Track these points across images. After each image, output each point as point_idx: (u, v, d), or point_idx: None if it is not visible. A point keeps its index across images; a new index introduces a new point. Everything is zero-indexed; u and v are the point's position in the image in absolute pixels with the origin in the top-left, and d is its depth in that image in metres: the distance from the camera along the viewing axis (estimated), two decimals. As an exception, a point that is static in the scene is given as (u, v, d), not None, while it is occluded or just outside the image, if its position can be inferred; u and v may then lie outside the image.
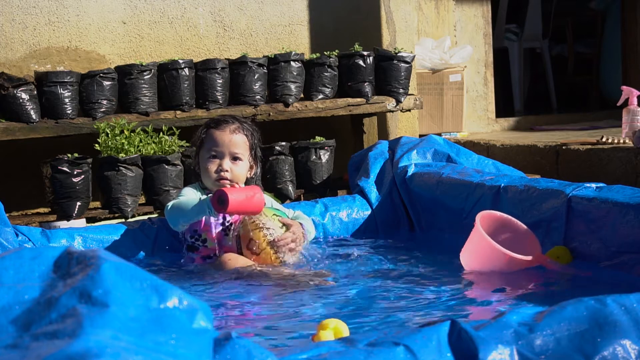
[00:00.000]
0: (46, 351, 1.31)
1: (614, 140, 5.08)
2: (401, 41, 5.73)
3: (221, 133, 3.35)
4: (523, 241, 3.08)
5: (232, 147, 3.34)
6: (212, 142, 3.34)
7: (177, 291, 1.50)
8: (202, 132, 3.40)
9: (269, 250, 3.22)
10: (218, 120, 3.42)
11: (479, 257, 3.05)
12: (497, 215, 3.17)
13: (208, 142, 3.35)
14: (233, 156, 3.34)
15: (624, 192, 3.04)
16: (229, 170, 3.32)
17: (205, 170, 3.35)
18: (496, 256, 2.98)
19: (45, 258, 1.60)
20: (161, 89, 4.73)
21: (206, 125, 3.43)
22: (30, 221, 4.32)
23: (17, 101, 4.38)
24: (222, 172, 3.31)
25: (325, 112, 5.08)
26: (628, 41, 7.66)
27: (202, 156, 3.37)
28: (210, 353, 1.49)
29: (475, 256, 3.07)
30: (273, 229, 3.25)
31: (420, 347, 1.65)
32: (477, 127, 6.80)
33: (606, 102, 7.94)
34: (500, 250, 2.95)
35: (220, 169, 3.32)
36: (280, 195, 4.72)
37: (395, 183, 4.05)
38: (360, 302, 2.75)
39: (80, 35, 4.89)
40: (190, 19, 5.16)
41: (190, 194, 3.35)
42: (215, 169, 3.32)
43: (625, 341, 1.72)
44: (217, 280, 3.12)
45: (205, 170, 3.34)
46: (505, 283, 2.99)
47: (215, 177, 3.32)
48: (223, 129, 3.36)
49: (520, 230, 3.14)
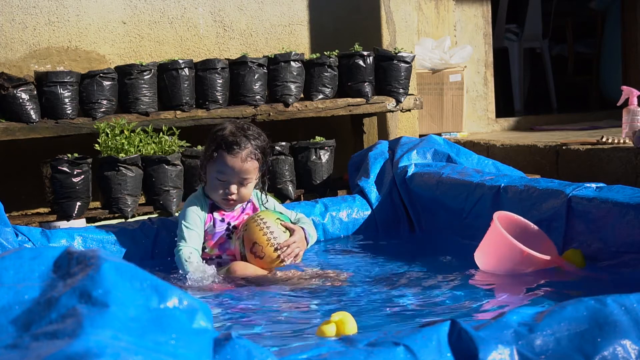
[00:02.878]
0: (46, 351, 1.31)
1: (614, 140, 5.08)
2: (401, 41, 5.73)
3: (232, 160, 3.24)
4: (538, 245, 3.05)
5: (242, 175, 3.27)
6: (223, 165, 3.26)
7: (177, 291, 1.50)
8: (213, 150, 3.28)
9: (273, 254, 3.22)
10: (230, 143, 3.26)
11: (495, 256, 3.02)
12: (513, 218, 3.14)
13: (219, 163, 3.27)
14: (241, 182, 3.30)
15: (624, 192, 3.04)
16: (236, 193, 3.30)
17: (213, 187, 3.31)
18: (513, 254, 2.94)
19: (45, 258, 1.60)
20: (161, 89, 4.73)
21: (218, 144, 3.28)
22: (30, 221, 4.31)
23: (17, 101, 4.38)
24: (229, 196, 3.30)
25: (325, 112, 5.08)
26: (628, 41, 7.66)
27: (210, 170, 3.31)
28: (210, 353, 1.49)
29: (492, 255, 3.03)
30: (277, 233, 3.25)
31: (420, 347, 1.65)
32: (477, 127, 6.80)
33: (606, 102, 7.94)
34: (518, 246, 2.92)
35: (228, 192, 3.30)
36: (280, 195, 4.72)
37: (395, 183, 4.05)
38: (360, 302, 2.75)
39: (80, 35, 4.89)
40: (190, 19, 5.16)
41: (194, 219, 3.30)
42: (223, 191, 3.30)
43: (625, 341, 1.72)
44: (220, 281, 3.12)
45: (213, 188, 3.31)
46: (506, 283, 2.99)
47: (222, 197, 3.30)
48: (235, 155, 3.24)
49: (536, 234, 3.10)
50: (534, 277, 2.97)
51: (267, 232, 3.23)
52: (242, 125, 3.36)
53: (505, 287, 2.95)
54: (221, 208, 3.35)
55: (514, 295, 2.83)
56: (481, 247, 3.08)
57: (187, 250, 3.23)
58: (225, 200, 3.30)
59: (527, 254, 2.92)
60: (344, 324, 2.10)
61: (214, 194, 3.31)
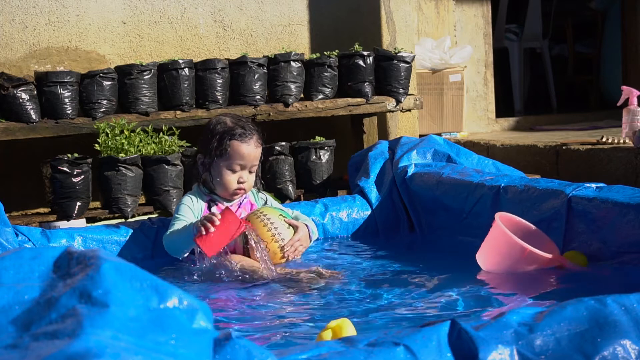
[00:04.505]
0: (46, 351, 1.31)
1: (614, 140, 5.08)
2: (401, 41, 5.73)
3: (246, 147, 3.32)
4: (540, 246, 3.05)
5: (254, 161, 3.36)
6: (237, 154, 3.31)
7: (177, 291, 1.50)
8: (223, 143, 3.32)
9: (277, 249, 3.24)
10: (240, 132, 3.33)
11: (497, 255, 3.01)
12: (514, 220, 3.13)
13: (232, 154, 3.31)
14: (250, 169, 3.36)
15: (624, 192, 3.04)
16: (246, 181, 3.35)
17: (225, 180, 3.33)
18: (515, 252, 2.94)
19: (45, 258, 1.60)
20: (161, 89, 4.73)
21: (226, 135, 3.33)
22: (30, 221, 4.32)
23: (17, 101, 4.38)
24: (241, 184, 3.33)
25: (325, 112, 5.08)
26: (628, 41, 7.66)
27: (220, 164, 3.34)
28: (210, 353, 1.49)
29: (493, 254, 3.03)
30: (280, 228, 3.27)
31: (420, 347, 1.65)
32: (477, 127, 6.80)
33: (606, 102, 7.94)
34: (521, 244, 2.92)
35: (241, 180, 3.33)
36: (280, 195, 4.73)
37: (395, 183, 4.05)
38: (360, 302, 2.75)
39: (80, 35, 4.89)
40: (190, 19, 5.16)
41: (187, 212, 3.34)
42: (236, 181, 3.33)
43: (625, 341, 1.72)
44: (218, 280, 3.12)
45: (226, 182, 3.33)
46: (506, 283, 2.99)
47: (235, 188, 3.33)
48: (248, 142, 3.33)
49: (537, 236, 3.10)
50: (535, 277, 2.97)
51: (271, 227, 3.25)
52: (236, 115, 3.49)
53: (506, 287, 2.95)
54: (219, 202, 3.36)
55: (514, 295, 2.83)
56: (483, 247, 3.08)
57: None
58: (237, 190, 3.32)
59: (529, 252, 2.92)
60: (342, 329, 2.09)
61: (227, 186, 3.33)
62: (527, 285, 2.91)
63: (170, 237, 3.29)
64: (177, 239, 3.26)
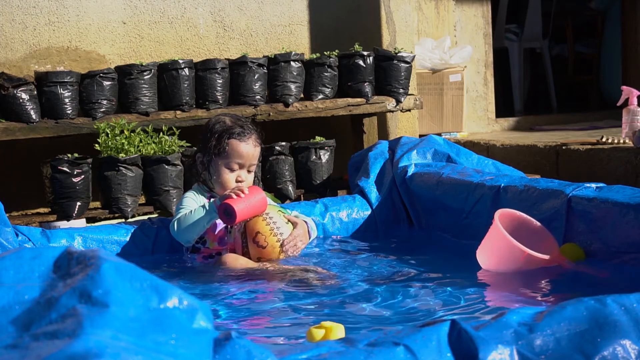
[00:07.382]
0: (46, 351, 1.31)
1: (614, 140, 5.08)
2: (401, 41, 5.73)
3: (245, 146, 3.34)
4: (541, 241, 3.05)
5: (253, 160, 3.38)
6: (237, 154, 3.33)
7: (177, 291, 1.50)
8: (222, 142, 3.34)
9: (276, 244, 3.25)
10: (239, 131, 3.36)
11: (496, 255, 3.02)
12: (515, 215, 3.14)
13: (231, 153, 3.33)
14: (249, 168, 3.38)
15: (624, 192, 3.04)
16: (245, 180, 3.36)
17: (223, 180, 3.35)
18: (513, 254, 2.95)
19: (45, 258, 1.60)
20: (161, 89, 4.73)
21: (225, 134, 3.35)
22: (30, 221, 4.32)
23: (17, 101, 4.38)
24: (238, 183, 3.34)
25: (325, 112, 5.08)
26: (628, 41, 7.66)
27: (219, 163, 3.35)
28: (210, 353, 1.49)
29: (492, 254, 3.04)
30: (279, 223, 3.28)
31: (420, 347, 1.65)
32: (477, 127, 6.80)
33: (606, 102, 7.94)
34: (518, 247, 2.92)
35: (240, 179, 3.35)
36: (280, 195, 4.73)
37: (395, 183, 4.05)
38: (360, 303, 2.75)
39: (80, 35, 4.89)
40: (190, 19, 5.16)
41: (191, 203, 3.34)
42: (234, 179, 3.35)
43: (625, 341, 1.72)
44: (217, 280, 3.12)
45: (225, 181, 3.34)
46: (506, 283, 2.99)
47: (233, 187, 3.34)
48: (247, 141, 3.35)
49: (538, 231, 3.11)
50: (535, 277, 2.97)
51: (270, 222, 3.27)
52: (235, 115, 3.52)
53: (506, 287, 2.95)
54: None
55: (514, 295, 2.83)
56: (482, 245, 3.08)
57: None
58: (233, 190, 3.33)
59: (527, 254, 2.92)
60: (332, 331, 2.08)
61: (225, 185, 3.35)
62: (527, 285, 2.91)
63: (182, 219, 3.27)
64: (192, 218, 3.24)
